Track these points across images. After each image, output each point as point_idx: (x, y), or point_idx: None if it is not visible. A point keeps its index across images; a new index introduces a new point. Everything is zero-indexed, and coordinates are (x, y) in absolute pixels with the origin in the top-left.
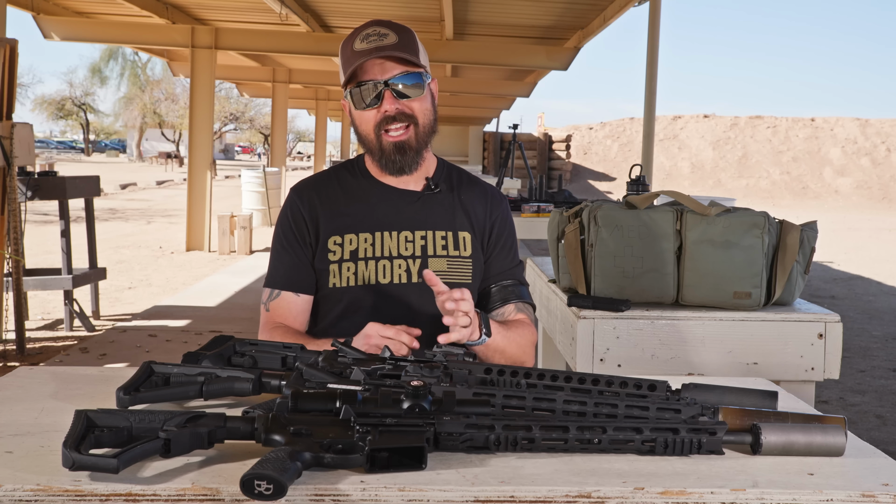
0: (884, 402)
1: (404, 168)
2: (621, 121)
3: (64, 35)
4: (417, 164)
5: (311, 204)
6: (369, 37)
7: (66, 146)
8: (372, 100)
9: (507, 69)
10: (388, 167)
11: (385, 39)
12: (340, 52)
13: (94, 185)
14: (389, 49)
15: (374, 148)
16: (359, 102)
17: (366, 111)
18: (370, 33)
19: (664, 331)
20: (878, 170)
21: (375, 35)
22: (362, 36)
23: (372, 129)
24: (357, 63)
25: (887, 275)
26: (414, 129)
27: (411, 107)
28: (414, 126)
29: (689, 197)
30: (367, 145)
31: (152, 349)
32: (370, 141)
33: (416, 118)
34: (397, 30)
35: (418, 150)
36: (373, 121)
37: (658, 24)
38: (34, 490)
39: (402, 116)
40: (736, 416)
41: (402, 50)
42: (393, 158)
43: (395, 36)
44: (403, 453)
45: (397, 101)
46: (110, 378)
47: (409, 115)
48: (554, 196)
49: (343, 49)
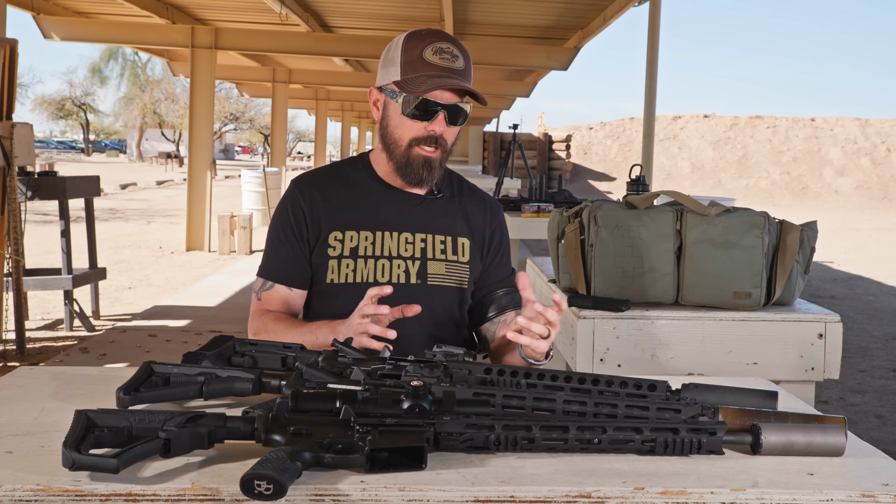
0: (884, 402)
1: (424, 182)
2: (621, 121)
3: (64, 35)
4: (434, 181)
5: (313, 199)
6: (442, 52)
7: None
8: (424, 115)
9: (507, 69)
10: (409, 177)
11: (456, 62)
12: (403, 50)
13: (94, 185)
14: (460, 76)
15: (401, 155)
16: (410, 112)
17: (411, 120)
18: (444, 49)
19: (664, 331)
20: (878, 170)
21: (449, 54)
22: (435, 49)
23: (408, 139)
24: (428, 79)
25: (887, 275)
26: (441, 154)
27: (448, 132)
28: (442, 151)
29: (689, 197)
30: (393, 149)
31: (152, 349)
32: (399, 147)
33: (447, 144)
34: (464, 54)
35: (440, 169)
36: (414, 133)
37: (658, 24)
38: (34, 490)
39: (440, 139)
40: (736, 416)
41: (468, 80)
42: (419, 172)
43: (463, 61)
44: (403, 453)
45: (446, 125)
46: (110, 378)
47: (443, 140)
48: (554, 196)
49: (407, 49)
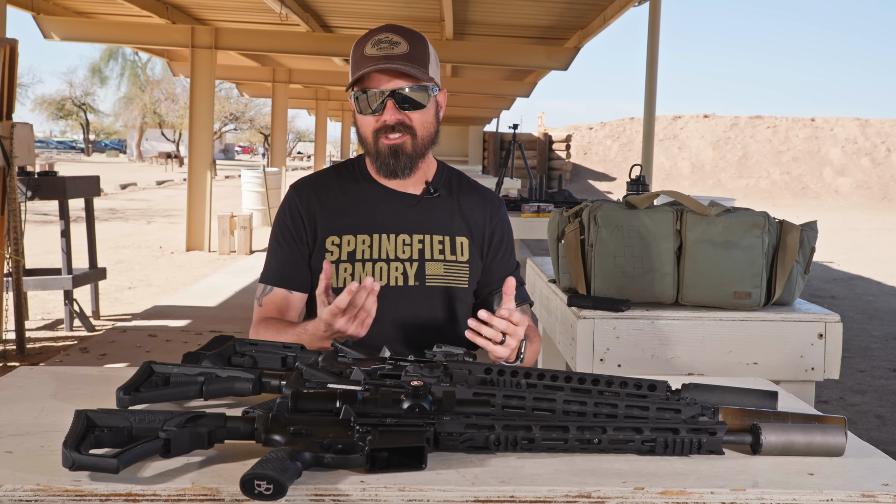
0: (884, 402)
1: (397, 172)
2: (621, 121)
3: (64, 35)
4: (411, 170)
5: (310, 203)
6: (381, 43)
7: (66, 146)
8: (375, 107)
9: (507, 69)
10: (381, 169)
11: (396, 48)
12: (352, 52)
13: (94, 185)
14: (398, 60)
15: (372, 150)
16: (362, 108)
17: (367, 116)
18: (382, 39)
19: (664, 331)
20: (878, 170)
21: (387, 42)
22: (374, 41)
23: (370, 134)
24: (364, 69)
25: (887, 275)
26: (412, 140)
27: (411, 118)
28: (412, 137)
29: (689, 197)
30: (366, 147)
31: (152, 349)
32: (368, 143)
33: (414, 129)
34: (410, 39)
35: (413, 157)
36: (372, 126)
37: (658, 24)
38: (34, 490)
39: (401, 127)
40: (736, 416)
41: (409, 62)
42: (387, 161)
43: (406, 45)
44: (403, 453)
45: (399, 111)
46: (110, 378)
47: (408, 125)
48: (554, 196)
49: (354, 50)
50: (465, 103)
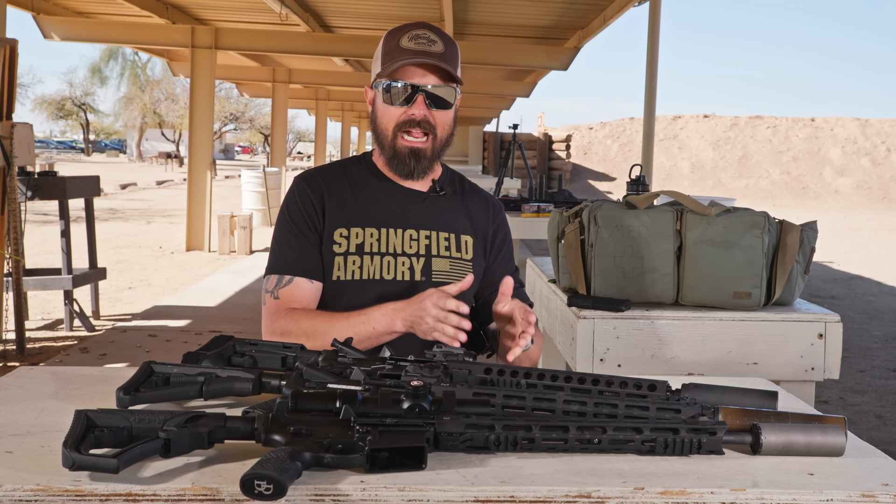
0: (884, 402)
1: (413, 173)
2: (621, 121)
3: (64, 35)
4: (427, 172)
5: (321, 192)
6: (419, 38)
7: (66, 146)
8: (403, 100)
9: (507, 69)
10: (398, 169)
11: (433, 46)
12: (383, 43)
13: (94, 185)
14: (436, 58)
15: (388, 145)
16: (390, 98)
17: (393, 108)
18: (420, 35)
19: (664, 331)
20: (878, 170)
21: (425, 39)
22: (412, 35)
23: (392, 127)
24: (401, 61)
25: (887, 275)
26: (432, 140)
27: (436, 117)
28: (433, 137)
29: (689, 197)
30: (382, 140)
31: (152, 349)
32: (386, 137)
33: (436, 130)
34: (445, 40)
35: (431, 160)
36: (396, 119)
37: (658, 24)
38: (34, 490)
39: (426, 124)
40: (736, 416)
41: (447, 62)
42: (406, 162)
43: (442, 45)
44: (403, 453)
45: (427, 109)
46: (110, 378)
47: (431, 124)
48: (554, 196)
49: (387, 41)
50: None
